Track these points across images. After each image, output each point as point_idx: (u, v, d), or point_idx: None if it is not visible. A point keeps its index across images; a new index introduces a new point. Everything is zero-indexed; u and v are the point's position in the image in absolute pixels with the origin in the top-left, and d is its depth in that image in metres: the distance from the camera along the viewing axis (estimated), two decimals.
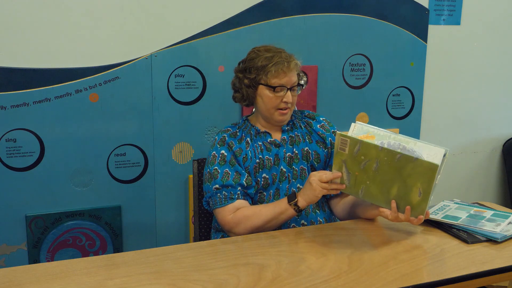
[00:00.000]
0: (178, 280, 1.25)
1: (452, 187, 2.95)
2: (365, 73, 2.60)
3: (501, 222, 1.59)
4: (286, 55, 1.68)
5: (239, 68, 1.76)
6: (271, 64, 1.65)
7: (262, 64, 1.67)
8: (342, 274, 1.29)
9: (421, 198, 1.41)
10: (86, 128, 2.15)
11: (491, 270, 1.33)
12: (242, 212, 1.63)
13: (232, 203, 1.64)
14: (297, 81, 1.72)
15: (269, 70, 1.65)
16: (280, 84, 1.66)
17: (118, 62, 2.15)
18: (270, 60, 1.66)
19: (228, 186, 1.66)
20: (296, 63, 1.70)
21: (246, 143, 1.73)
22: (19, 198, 2.11)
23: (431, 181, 1.37)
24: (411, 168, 1.38)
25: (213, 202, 1.68)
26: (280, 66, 1.65)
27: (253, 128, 1.76)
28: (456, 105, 2.88)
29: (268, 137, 1.76)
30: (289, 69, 1.66)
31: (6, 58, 2.01)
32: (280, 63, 1.65)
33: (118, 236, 2.28)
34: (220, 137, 1.73)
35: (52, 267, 1.32)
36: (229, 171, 1.67)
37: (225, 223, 1.64)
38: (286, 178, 1.73)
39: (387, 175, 1.43)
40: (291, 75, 1.68)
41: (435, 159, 1.36)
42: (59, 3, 2.04)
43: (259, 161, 1.71)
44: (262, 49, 1.71)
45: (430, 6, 2.67)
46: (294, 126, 1.80)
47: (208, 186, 1.69)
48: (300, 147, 1.77)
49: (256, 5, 2.31)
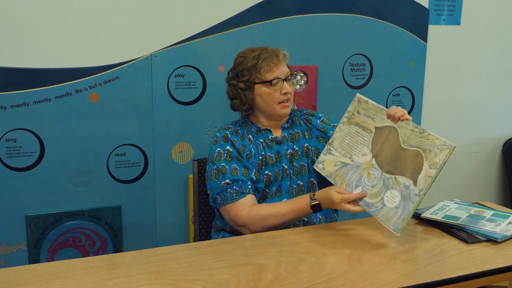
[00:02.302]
0: (178, 280, 1.25)
1: (452, 187, 2.95)
2: (365, 73, 2.60)
3: (501, 222, 1.59)
4: (271, 50, 1.71)
5: (230, 76, 1.77)
6: (261, 60, 1.68)
7: (252, 64, 1.69)
8: (342, 274, 1.29)
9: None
10: (86, 128, 2.15)
11: (491, 270, 1.33)
12: (257, 211, 1.62)
13: (244, 197, 1.64)
14: (290, 71, 1.73)
15: (260, 67, 1.67)
16: (275, 77, 1.68)
17: (118, 62, 2.16)
18: (258, 58, 1.69)
19: (239, 181, 1.65)
20: (284, 54, 1.72)
21: (248, 140, 1.73)
22: (19, 198, 2.11)
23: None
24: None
25: (222, 198, 1.66)
26: (269, 60, 1.68)
27: (253, 126, 1.77)
28: (456, 105, 2.88)
29: (269, 134, 1.76)
30: (278, 60, 1.69)
31: (6, 58, 2.01)
32: (269, 57, 1.68)
33: (118, 236, 2.28)
34: (222, 134, 1.73)
35: (52, 267, 1.32)
36: (237, 166, 1.67)
37: (239, 219, 1.63)
38: (287, 175, 1.74)
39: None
40: (282, 66, 1.70)
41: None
42: (59, 3, 2.04)
43: (262, 158, 1.71)
44: (246, 51, 1.74)
45: (430, 6, 2.67)
46: (294, 123, 1.81)
47: (215, 182, 1.68)
48: (300, 143, 1.78)
49: (256, 5, 2.31)
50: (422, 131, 1.48)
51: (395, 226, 1.44)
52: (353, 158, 1.62)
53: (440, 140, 1.43)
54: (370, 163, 1.57)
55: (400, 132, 1.53)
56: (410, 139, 1.49)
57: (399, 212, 1.44)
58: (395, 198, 1.47)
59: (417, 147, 1.47)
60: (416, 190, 1.43)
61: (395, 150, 1.52)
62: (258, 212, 1.62)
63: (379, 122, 1.60)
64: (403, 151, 1.50)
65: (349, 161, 1.63)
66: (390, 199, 1.48)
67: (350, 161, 1.62)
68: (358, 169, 1.59)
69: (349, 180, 1.59)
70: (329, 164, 1.68)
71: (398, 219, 1.44)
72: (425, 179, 1.42)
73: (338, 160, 1.66)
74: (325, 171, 1.69)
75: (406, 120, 1.53)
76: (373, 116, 1.62)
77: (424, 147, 1.45)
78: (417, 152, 1.46)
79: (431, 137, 1.45)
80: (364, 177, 1.56)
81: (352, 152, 1.64)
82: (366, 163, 1.58)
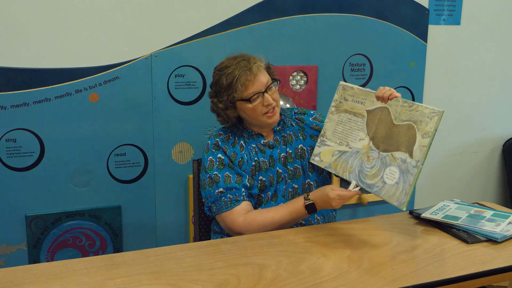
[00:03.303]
0: (178, 280, 1.25)
1: (452, 187, 2.95)
2: (365, 73, 2.60)
3: (501, 222, 1.59)
4: (245, 64, 1.64)
5: (211, 93, 1.73)
6: (235, 79, 1.62)
7: (227, 83, 1.63)
8: (342, 274, 1.29)
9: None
10: (86, 128, 2.15)
11: (491, 270, 1.33)
12: (253, 218, 1.61)
13: (239, 205, 1.63)
14: (270, 78, 1.68)
15: (236, 87, 1.62)
16: (253, 92, 1.63)
17: (118, 62, 2.15)
18: (232, 75, 1.63)
19: (233, 189, 1.64)
20: (258, 65, 1.65)
21: (240, 146, 1.71)
22: (19, 198, 2.11)
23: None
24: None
25: (217, 206, 1.65)
26: (244, 78, 1.62)
27: (245, 130, 1.75)
28: (456, 105, 2.88)
29: (261, 139, 1.75)
30: (253, 75, 1.63)
31: (6, 58, 2.01)
32: (242, 75, 1.62)
33: (118, 236, 2.28)
34: (213, 142, 1.71)
35: (52, 267, 1.32)
36: (230, 174, 1.66)
37: (235, 226, 1.62)
38: (282, 179, 1.73)
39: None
40: (259, 79, 1.64)
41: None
42: (59, 3, 2.04)
43: (255, 164, 1.70)
44: (222, 66, 1.68)
45: (430, 6, 2.67)
46: (285, 125, 1.80)
47: (209, 191, 1.67)
48: (294, 145, 1.77)
49: (256, 5, 2.31)
50: (411, 104, 1.50)
51: (398, 202, 1.45)
52: (350, 144, 1.62)
53: (428, 109, 1.46)
54: (368, 146, 1.57)
55: (391, 110, 1.55)
56: (401, 114, 1.51)
57: (400, 187, 1.46)
58: (394, 174, 1.48)
59: (408, 120, 1.49)
60: (413, 162, 1.44)
61: (389, 128, 1.53)
62: (254, 219, 1.61)
63: (369, 105, 1.61)
64: (395, 127, 1.52)
65: (347, 149, 1.63)
66: (389, 176, 1.49)
67: (348, 148, 1.62)
68: (358, 154, 1.59)
69: (351, 167, 1.59)
70: (326, 155, 1.68)
71: (400, 193, 1.45)
72: (420, 149, 1.44)
73: (335, 149, 1.66)
74: (323, 162, 1.68)
75: (396, 98, 1.54)
76: (361, 100, 1.63)
77: (415, 119, 1.48)
78: (408, 125, 1.49)
79: (420, 108, 1.48)
80: (364, 160, 1.57)
81: (348, 139, 1.64)
82: (364, 147, 1.58)
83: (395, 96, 1.55)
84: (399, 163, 1.48)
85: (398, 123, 1.51)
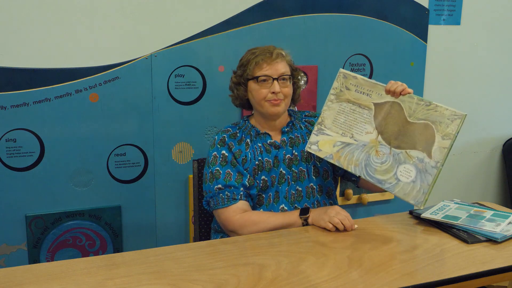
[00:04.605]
0: (178, 280, 1.25)
1: (452, 187, 2.95)
2: (365, 73, 2.60)
3: (501, 222, 1.59)
4: (270, 47, 1.70)
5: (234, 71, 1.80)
6: (254, 57, 1.68)
7: (246, 59, 1.71)
8: (342, 274, 1.29)
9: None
10: (86, 128, 2.15)
11: (491, 270, 1.33)
12: (249, 216, 1.62)
13: (235, 203, 1.64)
14: (288, 72, 1.70)
15: (251, 64, 1.68)
16: (263, 74, 1.67)
17: (118, 62, 2.15)
18: (253, 54, 1.70)
19: (231, 187, 1.65)
20: (280, 53, 1.69)
21: (246, 144, 1.72)
22: (19, 198, 2.11)
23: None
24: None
25: (215, 202, 1.67)
26: (261, 57, 1.67)
27: (253, 129, 1.76)
28: (456, 105, 2.83)
29: (268, 138, 1.75)
30: (271, 59, 1.67)
31: (6, 58, 2.01)
32: (262, 54, 1.68)
33: (118, 236, 2.28)
34: (220, 137, 1.73)
35: (52, 267, 1.32)
36: (231, 171, 1.67)
37: (230, 223, 1.63)
38: (285, 180, 1.73)
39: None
40: (276, 65, 1.67)
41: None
42: (59, 3, 2.04)
43: (258, 163, 1.70)
44: (252, 48, 1.75)
45: (430, 6, 2.67)
46: (294, 127, 1.80)
47: (209, 186, 1.69)
48: (300, 148, 1.77)
49: (256, 5, 2.31)
50: (429, 103, 1.49)
51: (415, 200, 1.45)
52: (355, 137, 1.59)
53: (449, 111, 1.45)
54: (376, 140, 1.55)
55: (404, 106, 1.52)
56: (417, 112, 1.49)
57: (417, 185, 1.45)
58: (410, 173, 1.47)
59: (425, 119, 1.47)
60: (432, 163, 1.44)
61: (402, 125, 1.51)
62: (250, 217, 1.62)
63: (376, 98, 1.58)
64: (410, 125, 1.50)
65: (352, 141, 1.59)
66: (404, 173, 1.48)
67: (353, 141, 1.59)
68: (365, 148, 1.57)
69: (357, 160, 1.57)
70: (326, 145, 1.64)
71: (417, 192, 1.46)
72: (440, 151, 1.43)
73: (337, 140, 1.62)
74: (322, 152, 1.64)
75: (409, 94, 1.53)
76: (367, 92, 1.60)
77: (433, 119, 1.46)
78: (426, 125, 1.47)
79: (439, 109, 1.46)
80: (372, 155, 1.55)
81: (352, 131, 1.60)
82: (372, 141, 1.56)
83: (408, 92, 1.53)
84: (416, 161, 1.47)
85: (413, 121, 1.50)
